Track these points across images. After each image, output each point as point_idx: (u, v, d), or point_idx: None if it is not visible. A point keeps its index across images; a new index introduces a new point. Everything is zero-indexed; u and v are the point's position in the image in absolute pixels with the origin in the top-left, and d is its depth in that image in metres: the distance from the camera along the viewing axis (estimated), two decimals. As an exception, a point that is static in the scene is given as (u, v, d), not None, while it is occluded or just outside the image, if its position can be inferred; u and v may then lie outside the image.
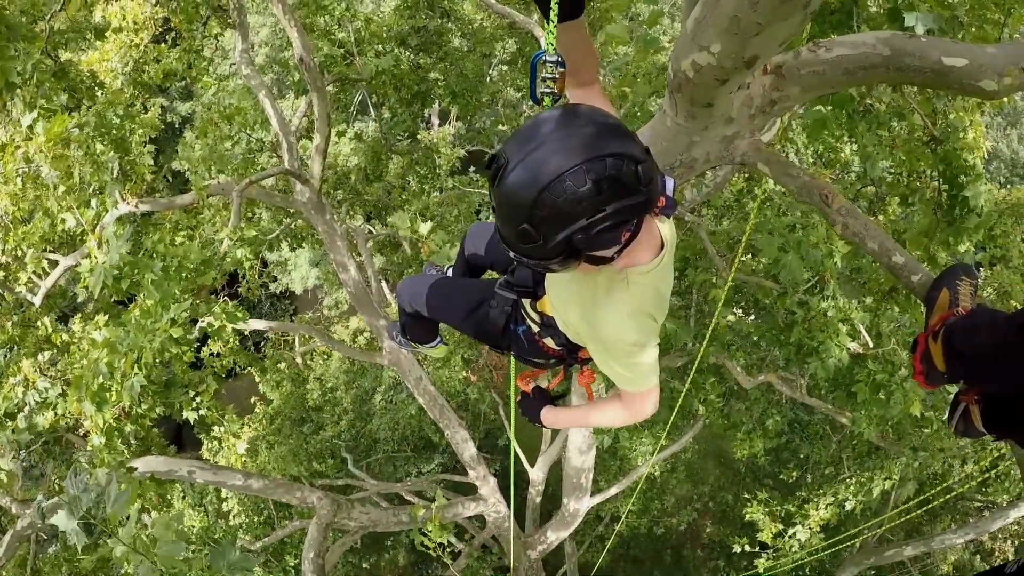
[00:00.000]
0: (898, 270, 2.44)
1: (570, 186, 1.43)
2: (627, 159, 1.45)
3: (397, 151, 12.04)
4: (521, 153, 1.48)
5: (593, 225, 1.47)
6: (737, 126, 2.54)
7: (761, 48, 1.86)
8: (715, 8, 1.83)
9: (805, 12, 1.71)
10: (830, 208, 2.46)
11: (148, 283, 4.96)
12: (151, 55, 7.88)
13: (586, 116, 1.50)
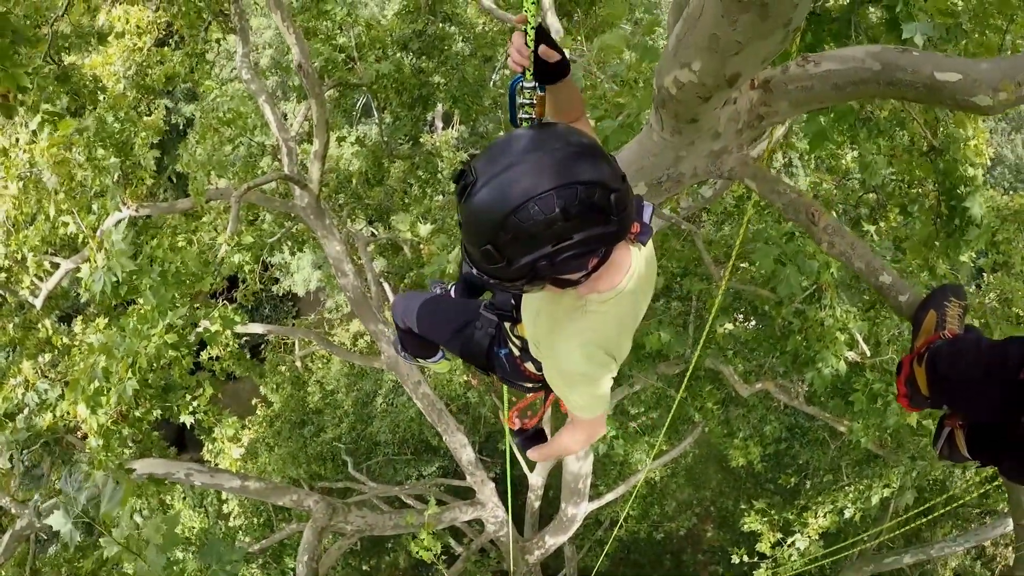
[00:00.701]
0: (885, 290, 2.42)
1: (538, 211, 1.38)
2: (600, 187, 1.41)
3: (399, 155, 12.06)
4: (490, 171, 1.43)
5: (559, 252, 1.43)
6: (724, 141, 2.54)
7: (742, 66, 1.85)
8: (695, 26, 1.83)
9: (786, 30, 1.71)
10: (816, 226, 2.45)
11: (146, 288, 4.99)
12: (154, 59, 7.90)
13: (561, 137, 1.46)
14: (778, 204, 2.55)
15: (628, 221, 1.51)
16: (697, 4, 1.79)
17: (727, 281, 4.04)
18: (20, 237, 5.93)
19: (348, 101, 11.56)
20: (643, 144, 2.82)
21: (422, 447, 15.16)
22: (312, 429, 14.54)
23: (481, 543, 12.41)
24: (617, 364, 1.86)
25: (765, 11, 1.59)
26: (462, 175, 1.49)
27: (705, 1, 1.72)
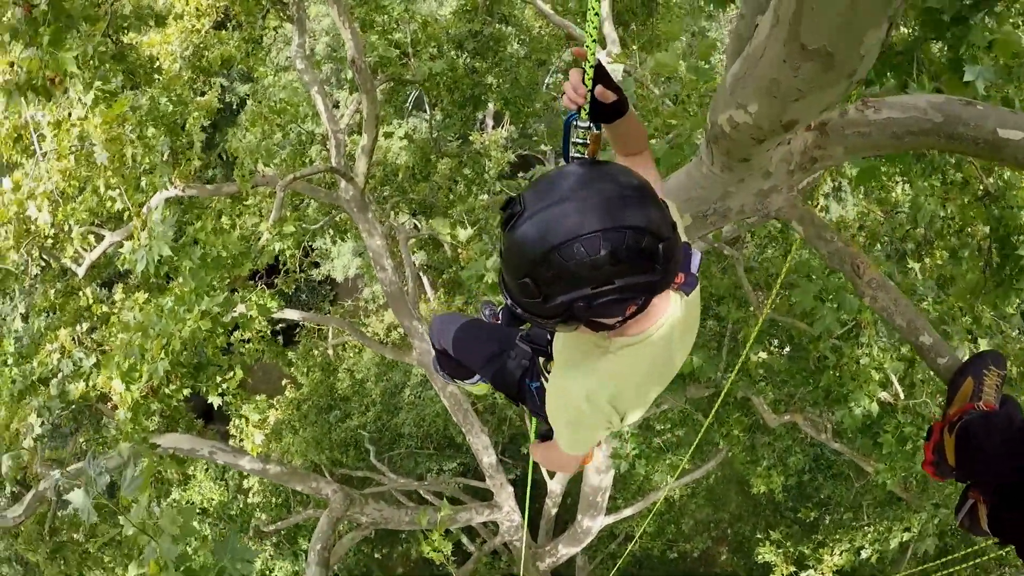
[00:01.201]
0: (924, 350, 2.35)
1: (582, 251, 1.34)
2: (649, 234, 1.36)
3: (446, 152, 12.09)
4: (538, 205, 1.40)
5: (598, 296, 1.40)
6: (774, 180, 2.49)
7: (801, 113, 1.81)
8: (755, 67, 1.78)
9: (850, 81, 1.66)
10: (860, 279, 2.38)
11: (186, 270, 5.07)
12: (211, 41, 8.03)
13: (613, 178, 1.42)
14: (823, 251, 2.49)
15: (673, 272, 1.47)
16: (759, 44, 1.74)
17: (767, 312, 3.98)
18: (67, 209, 6.06)
19: (399, 97, 11.60)
20: (692, 175, 2.78)
21: (445, 443, 15.18)
22: (338, 415, 14.66)
23: (494, 545, 12.42)
24: (621, 420, 1.78)
25: (830, 61, 1.55)
26: (510, 204, 1.46)
27: (767, 43, 1.68)
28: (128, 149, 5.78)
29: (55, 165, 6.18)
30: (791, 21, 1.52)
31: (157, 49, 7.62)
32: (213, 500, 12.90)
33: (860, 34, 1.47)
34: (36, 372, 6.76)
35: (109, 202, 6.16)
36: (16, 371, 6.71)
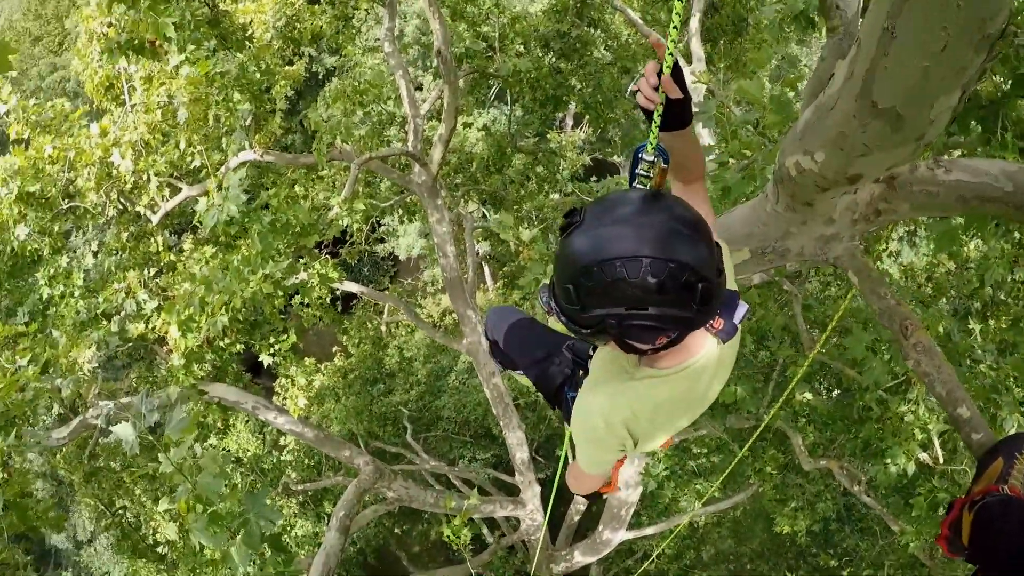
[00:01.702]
0: (961, 423, 2.30)
1: (624, 272, 1.42)
2: (691, 271, 1.42)
3: (522, 148, 12.15)
4: (596, 221, 1.48)
5: (631, 317, 1.46)
6: (837, 228, 2.47)
7: (866, 168, 1.80)
8: (825, 117, 1.79)
9: (917, 144, 1.65)
10: (907, 340, 2.35)
11: (255, 233, 5.26)
12: (304, 14, 8.22)
13: (670, 211, 1.48)
14: (875, 306, 2.46)
15: (709, 314, 1.51)
16: (832, 95, 1.75)
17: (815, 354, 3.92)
18: (149, 160, 6.31)
19: (481, 89, 11.71)
20: (756, 211, 2.77)
21: (482, 432, 15.29)
22: (382, 389, 14.93)
23: (512, 541, 12.50)
24: (636, 446, 1.83)
25: (899, 123, 1.55)
26: (572, 213, 1.54)
27: (840, 95, 1.68)
28: (212, 110, 6.01)
29: (142, 117, 6.46)
30: (864, 78, 1.53)
31: (251, 17, 7.84)
32: (248, 451, 13.27)
33: (931, 99, 1.48)
34: (100, 307, 7.09)
35: (189, 157, 6.43)
36: (82, 303, 7.03)
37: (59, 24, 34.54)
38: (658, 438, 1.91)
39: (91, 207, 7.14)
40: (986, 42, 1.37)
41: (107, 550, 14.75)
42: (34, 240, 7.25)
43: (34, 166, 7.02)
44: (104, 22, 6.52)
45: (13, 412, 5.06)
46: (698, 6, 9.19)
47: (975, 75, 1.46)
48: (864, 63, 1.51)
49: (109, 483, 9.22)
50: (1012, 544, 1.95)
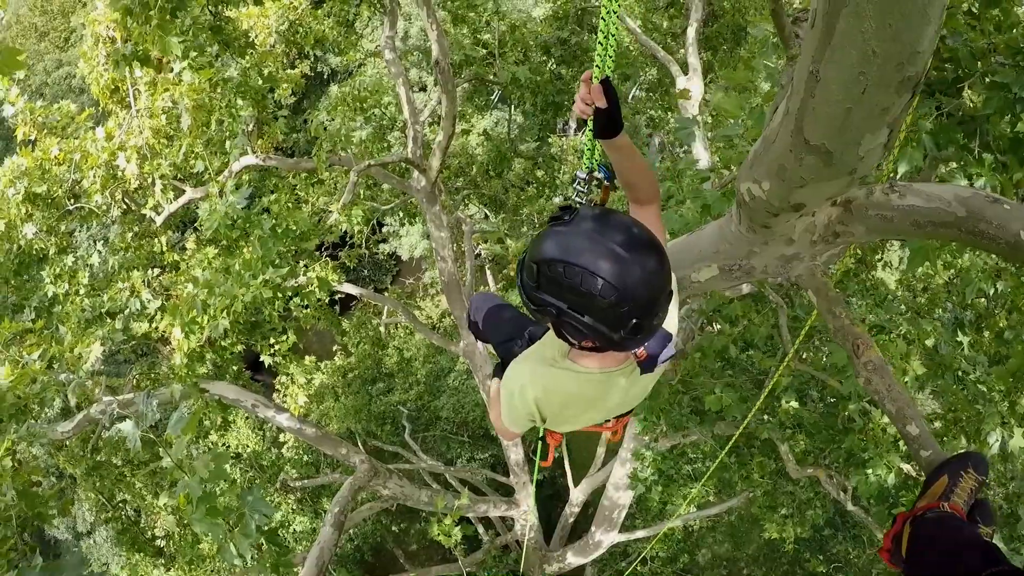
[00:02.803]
0: (910, 439, 2.42)
1: (579, 280, 1.60)
2: (632, 307, 1.59)
3: (522, 154, 12.28)
4: (581, 227, 1.66)
5: (568, 315, 1.66)
6: (797, 248, 2.60)
7: (806, 198, 1.93)
8: (768, 150, 1.92)
9: (852, 177, 1.78)
10: (858, 359, 2.48)
11: (256, 238, 5.41)
12: (307, 18, 8.34)
13: (646, 252, 1.64)
14: (831, 325, 2.59)
15: (633, 344, 1.71)
16: (773, 129, 1.88)
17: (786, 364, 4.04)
18: (154, 164, 6.47)
19: (481, 96, 11.85)
20: (723, 230, 2.91)
21: (480, 433, 15.43)
22: (381, 388, 15.06)
23: (506, 540, 12.64)
24: (537, 421, 2.06)
25: (830, 158, 1.68)
26: (567, 210, 1.73)
27: (779, 130, 1.82)
28: (215, 115, 6.16)
29: (147, 122, 6.62)
30: (797, 116, 1.67)
31: (254, 21, 7.96)
32: (248, 447, 13.40)
33: (858, 137, 1.61)
34: (105, 305, 7.24)
35: (192, 159, 6.58)
36: (87, 301, 7.19)
37: (65, 20, 34.77)
38: (567, 424, 2.15)
39: (96, 207, 7.29)
40: (907, 84, 1.50)
41: (106, 541, 14.90)
42: (40, 239, 7.40)
43: (41, 167, 7.17)
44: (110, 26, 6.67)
45: (23, 403, 5.23)
46: (695, 16, 9.32)
47: (902, 114, 1.58)
48: (796, 102, 1.64)
49: (111, 477, 9.37)
50: (941, 556, 2.06)
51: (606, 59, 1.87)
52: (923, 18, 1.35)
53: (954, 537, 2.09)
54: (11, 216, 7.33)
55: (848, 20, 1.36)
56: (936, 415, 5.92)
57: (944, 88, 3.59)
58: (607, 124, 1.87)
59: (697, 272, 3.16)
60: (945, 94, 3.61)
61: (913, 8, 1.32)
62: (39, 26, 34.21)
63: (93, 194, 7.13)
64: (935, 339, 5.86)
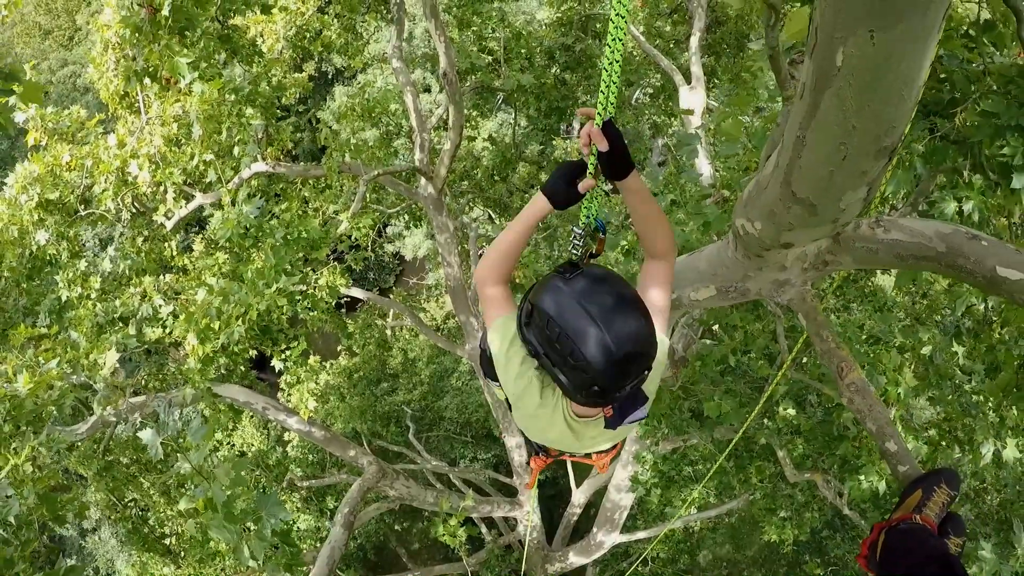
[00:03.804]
0: (889, 455, 2.57)
1: (562, 338, 1.73)
2: (601, 381, 1.71)
3: (526, 158, 12.42)
4: (579, 290, 1.76)
5: (541, 358, 1.81)
6: (789, 275, 2.74)
7: (795, 239, 2.08)
8: (761, 194, 2.06)
9: (835, 224, 1.93)
10: (841, 380, 2.63)
11: (268, 247, 5.56)
12: (314, 24, 8.46)
13: (635, 327, 1.72)
14: (818, 347, 2.73)
15: (596, 405, 1.84)
16: (766, 176, 2.03)
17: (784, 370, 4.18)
18: (166, 172, 6.61)
19: (488, 104, 11.99)
20: (720, 253, 3.05)
21: (483, 433, 15.55)
22: (385, 388, 15.21)
23: (509, 540, 12.80)
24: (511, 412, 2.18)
25: (814, 210, 1.83)
26: (575, 269, 1.84)
27: (771, 179, 1.96)
28: (225, 124, 6.30)
29: (158, 130, 6.76)
30: (786, 170, 1.81)
31: (261, 27, 8.07)
32: (253, 446, 13.55)
33: (839, 194, 1.75)
34: (118, 310, 7.38)
35: (202, 166, 6.72)
36: (100, 306, 7.33)
37: (70, 19, 34.93)
38: (530, 431, 2.24)
39: (106, 212, 7.42)
40: (884, 152, 1.65)
41: (112, 538, 15.08)
42: (52, 244, 7.53)
43: (52, 172, 7.30)
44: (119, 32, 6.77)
45: (40, 409, 5.38)
46: (698, 25, 9.44)
47: (880, 174, 1.73)
48: (785, 158, 1.78)
49: (122, 478, 9.54)
50: (908, 566, 2.22)
51: (608, 106, 1.89)
52: (899, 100, 1.49)
53: (921, 549, 2.25)
54: (23, 222, 7.45)
55: (831, 99, 1.50)
56: (931, 423, 6.04)
57: (940, 109, 3.70)
58: (615, 165, 1.90)
59: (696, 291, 3.31)
60: (940, 115, 3.73)
61: (890, 92, 1.46)
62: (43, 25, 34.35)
63: (104, 200, 7.25)
64: (931, 347, 5.98)
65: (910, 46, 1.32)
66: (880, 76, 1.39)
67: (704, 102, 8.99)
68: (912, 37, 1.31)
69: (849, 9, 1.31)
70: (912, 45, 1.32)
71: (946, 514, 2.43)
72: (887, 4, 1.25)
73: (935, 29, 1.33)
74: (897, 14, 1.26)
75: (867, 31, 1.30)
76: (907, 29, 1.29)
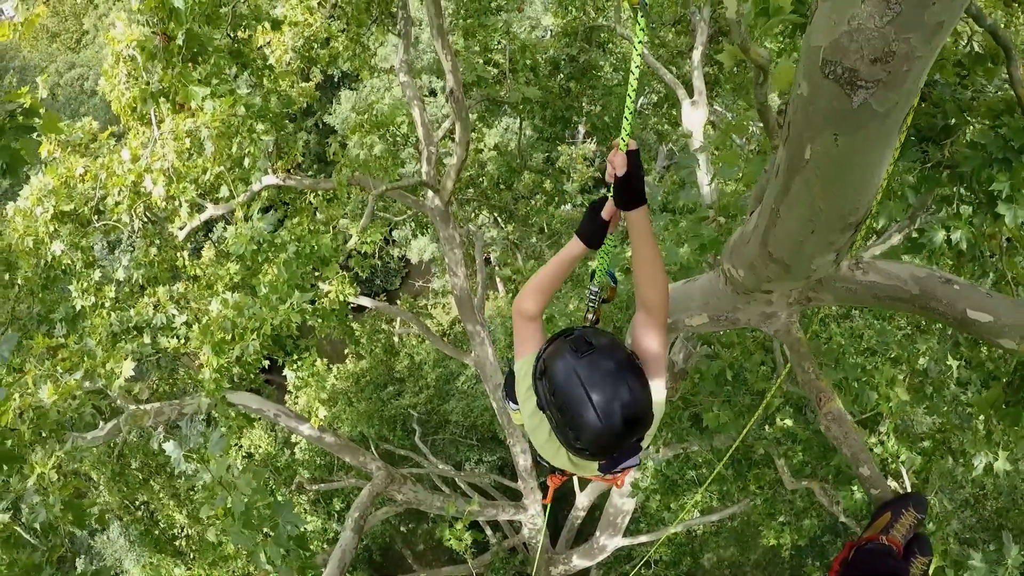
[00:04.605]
0: (863, 480, 2.75)
1: (563, 403, 1.95)
2: (596, 449, 1.93)
3: (531, 167, 12.59)
4: (583, 361, 1.95)
5: (544, 409, 2.04)
6: (776, 308, 2.91)
7: (776, 287, 2.26)
8: (744, 246, 2.24)
9: (808, 279, 2.10)
10: (820, 409, 2.81)
11: (281, 261, 5.76)
12: (321, 35, 8.63)
13: (634, 400, 1.92)
14: (800, 378, 2.91)
15: (587, 457, 2.03)
16: (749, 231, 2.20)
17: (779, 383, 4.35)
18: (180, 186, 6.80)
19: (494, 116, 12.17)
20: (713, 284, 3.23)
21: (489, 436, 15.70)
22: (391, 392, 15.39)
23: (514, 543, 12.99)
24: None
25: (788, 269, 2.01)
26: (583, 345, 2.00)
27: (752, 236, 2.14)
28: (236, 140, 6.50)
29: (171, 144, 6.94)
30: (763, 233, 1.99)
31: (269, 37, 8.23)
32: (260, 447, 13.73)
33: (809, 259, 1.94)
34: (132, 320, 7.56)
35: (215, 180, 6.91)
36: (114, 316, 7.52)
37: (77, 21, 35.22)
38: (544, 455, 2.44)
39: (118, 223, 7.59)
40: (850, 227, 1.83)
41: (120, 537, 15.29)
42: (67, 255, 7.70)
43: (66, 184, 7.48)
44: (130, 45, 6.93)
45: (62, 418, 5.60)
46: (701, 39, 9.60)
47: (847, 243, 1.91)
48: (763, 223, 1.96)
49: (135, 482, 9.75)
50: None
51: (631, 131, 1.99)
52: (862, 189, 1.68)
53: (882, 568, 2.44)
54: (39, 233, 7.62)
55: (800, 184, 1.68)
56: (927, 434, 6.19)
57: (933, 135, 3.84)
58: (628, 192, 2.00)
59: (691, 318, 3.49)
60: (933, 141, 3.87)
61: (853, 183, 1.64)
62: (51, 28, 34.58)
63: (118, 212, 7.41)
64: (931, 356, 6.11)
65: (870, 147, 1.50)
66: (843, 170, 1.56)
67: (706, 117, 9.16)
68: (872, 140, 1.49)
69: (816, 115, 1.49)
70: (872, 146, 1.50)
71: (913, 535, 2.61)
72: (849, 114, 1.43)
73: (894, 132, 1.51)
74: (858, 122, 1.43)
75: (831, 134, 1.48)
76: (867, 134, 1.47)
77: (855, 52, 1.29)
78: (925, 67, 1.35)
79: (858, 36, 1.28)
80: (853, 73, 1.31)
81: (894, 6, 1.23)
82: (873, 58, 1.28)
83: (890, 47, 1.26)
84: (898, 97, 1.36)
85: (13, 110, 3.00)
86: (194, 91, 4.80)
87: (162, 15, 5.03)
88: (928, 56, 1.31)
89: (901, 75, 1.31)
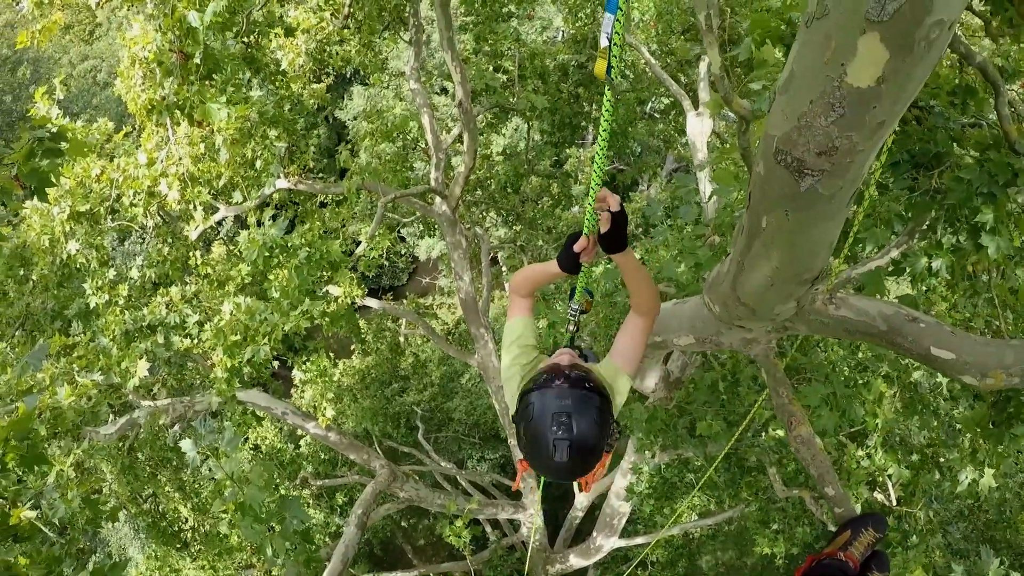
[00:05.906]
0: (828, 499, 2.94)
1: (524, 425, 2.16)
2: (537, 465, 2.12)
3: (538, 172, 12.75)
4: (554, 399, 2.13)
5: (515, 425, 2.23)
6: (755, 335, 3.11)
7: (750, 325, 2.44)
8: (717, 287, 2.43)
9: (774, 321, 2.29)
10: (790, 432, 3.00)
11: (292, 267, 5.97)
12: (334, 38, 8.79)
13: (560, 447, 2.06)
14: (774, 401, 3.10)
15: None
16: (722, 272, 2.39)
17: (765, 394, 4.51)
18: (195, 191, 6.99)
19: (502, 123, 12.33)
20: (698, 308, 3.42)
21: (491, 434, 15.88)
22: (395, 389, 15.58)
23: (513, 540, 13.20)
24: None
25: (754, 313, 2.20)
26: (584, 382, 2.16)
27: (725, 279, 2.33)
28: (249, 146, 6.68)
29: (186, 149, 7.13)
30: (732, 279, 2.18)
31: (282, 41, 8.40)
32: (266, 439, 13.92)
33: (772, 306, 2.13)
34: (146, 319, 7.76)
35: (229, 184, 7.09)
36: (127, 315, 7.71)
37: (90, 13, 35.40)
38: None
39: (131, 223, 7.77)
40: (806, 282, 2.03)
41: (125, 525, 15.51)
42: (82, 254, 7.89)
43: (82, 185, 7.66)
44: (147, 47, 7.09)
45: (79, 417, 5.82)
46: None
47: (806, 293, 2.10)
48: (732, 269, 2.15)
49: (144, 474, 9.98)
50: None
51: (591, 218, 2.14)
52: (813, 255, 1.87)
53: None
54: (55, 232, 7.81)
55: (759, 246, 1.88)
56: (916, 449, 6.33)
57: (926, 161, 3.98)
58: (613, 243, 2.14)
59: (679, 338, 3.69)
60: (925, 167, 4.01)
61: (805, 250, 1.83)
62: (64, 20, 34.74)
63: (133, 212, 7.59)
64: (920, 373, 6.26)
65: (818, 222, 1.69)
66: (796, 240, 1.75)
67: (711, 128, 9.32)
68: (819, 217, 1.67)
69: (770, 192, 1.68)
70: (820, 222, 1.69)
71: (872, 552, 2.79)
72: (798, 196, 1.62)
73: (841, 210, 1.69)
74: (806, 203, 1.62)
75: (783, 210, 1.67)
76: (815, 213, 1.66)
77: (803, 145, 1.48)
78: (868, 157, 1.53)
79: (806, 132, 1.46)
80: (801, 163, 1.50)
81: (838, 109, 1.41)
82: (819, 151, 1.47)
83: (834, 143, 1.45)
84: (842, 183, 1.54)
85: (43, 137, 3.20)
86: (212, 109, 4.99)
87: (180, 33, 5.21)
88: (870, 149, 1.49)
89: (844, 166, 1.49)
